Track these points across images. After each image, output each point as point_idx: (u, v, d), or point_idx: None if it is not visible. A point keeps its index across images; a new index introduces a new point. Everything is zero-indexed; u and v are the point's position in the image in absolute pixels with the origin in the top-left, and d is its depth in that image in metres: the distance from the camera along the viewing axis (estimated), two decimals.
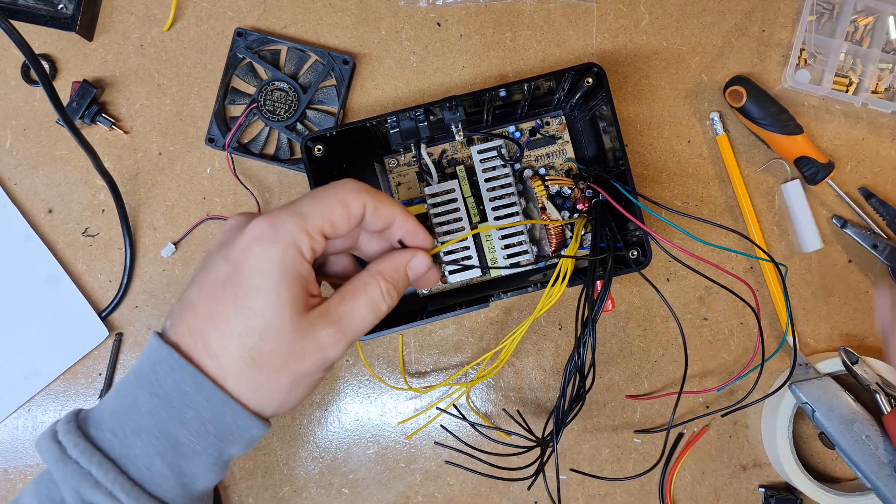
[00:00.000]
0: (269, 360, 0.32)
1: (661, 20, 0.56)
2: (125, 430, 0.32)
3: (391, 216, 0.36)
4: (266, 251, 0.32)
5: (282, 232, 0.33)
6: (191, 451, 0.32)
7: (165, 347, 0.32)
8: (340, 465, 0.55)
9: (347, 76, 0.55)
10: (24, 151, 0.56)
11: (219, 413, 0.32)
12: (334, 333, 0.33)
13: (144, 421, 0.32)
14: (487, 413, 0.56)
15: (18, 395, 0.55)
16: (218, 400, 0.32)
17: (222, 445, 0.33)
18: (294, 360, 0.33)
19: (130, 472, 0.31)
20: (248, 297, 0.32)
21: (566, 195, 0.52)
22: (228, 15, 0.56)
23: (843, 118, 0.56)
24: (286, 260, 0.32)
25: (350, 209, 0.35)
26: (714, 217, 0.56)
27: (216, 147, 0.55)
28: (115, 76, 0.56)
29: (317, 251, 0.34)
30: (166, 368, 0.32)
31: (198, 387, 0.32)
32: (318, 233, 0.33)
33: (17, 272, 0.55)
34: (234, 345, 0.32)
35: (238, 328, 0.32)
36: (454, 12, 0.56)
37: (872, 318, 0.56)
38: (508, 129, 0.54)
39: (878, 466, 0.50)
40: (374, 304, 0.35)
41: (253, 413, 0.33)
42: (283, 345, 0.32)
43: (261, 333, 0.32)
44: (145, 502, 0.31)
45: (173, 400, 0.32)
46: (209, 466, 0.33)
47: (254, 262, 0.32)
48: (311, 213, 0.33)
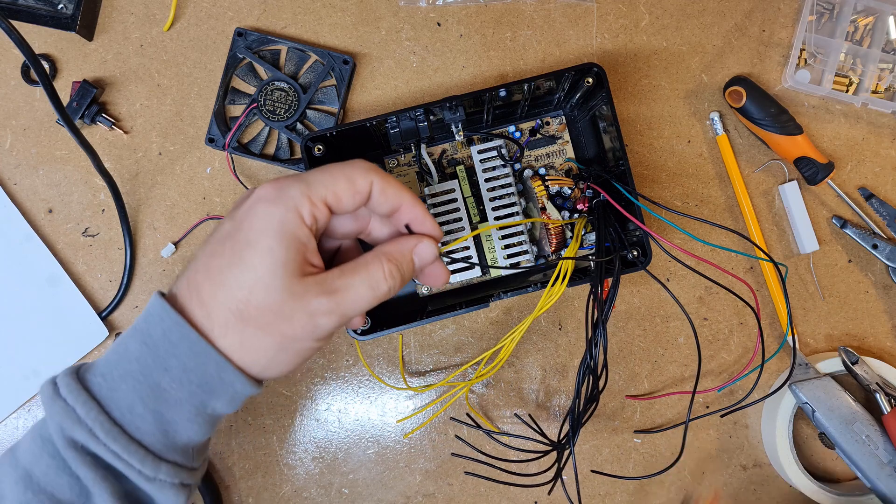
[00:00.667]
0: (257, 316, 0.33)
1: (661, 20, 0.56)
2: (113, 375, 0.33)
3: (398, 199, 0.36)
4: (267, 210, 0.33)
5: (284, 195, 0.34)
6: (172, 399, 0.33)
7: (159, 300, 0.34)
8: (340, 464, 0.55)
9: (347, 76, 0.55)
10: (24, 151, 0.56)
11: (202, 363, 0.33)
12: (327, 303, 0.34)
13: (131, 366, 0.33)
14: (488, 414, 0.56)
15: (18, 396, 0.55)
16: (201, 349, 0.33)
17: (204, 396, 0.34)
18: (282, 320, 0.33)
19: (113, 412, 0.33)
20: (244, 251, 0.33)
21: (566, 195, 0.52)
22: (228, 15, 0.56)
23: (843, 118, 0.56)
24: (285, 221, 0.33)
25: (356, 185, 0.35)
26: (714, 217, 0.56)
27: (216, 147, 0.55)
28: (115, 76, 0.56)
29: (319, 219, 0.34)
30: (157, 318, 0.33)
31: (183, 336, 0.33)
32: (320, 201, 0.34)
33: (17, 272, 0.55)
34: (223, 296, 0.33)
35: (230, 280, 0.33)
36: (454, 12, 0.56)
37: (872, 319, 0.56)
38: (508, 129, 0.54)
39: (879, 466, 0.50)
40: (373, 283, 0.35)
41: (237, 367, 0.34)
42: (272, 302, 0.33)
43: (251, 288, 0.33)
44: (123, 442, 0.32)
45: (159, 348, 0.33)
46: (190, 416, 0.34)
47: (254, 221, 0.33)
48: (315, 182, 0.34)
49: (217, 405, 0.35)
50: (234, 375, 0.34)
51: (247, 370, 0.34)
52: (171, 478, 0.34)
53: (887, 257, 0.54)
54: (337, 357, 0.56)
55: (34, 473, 0.33)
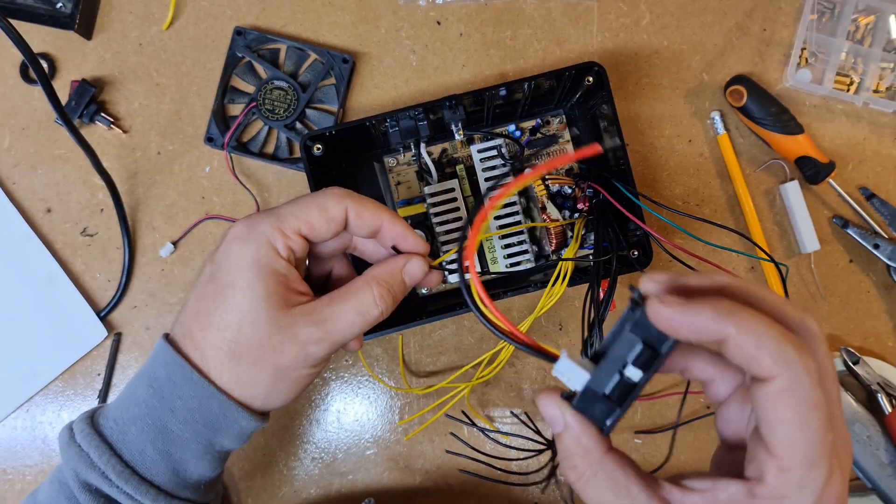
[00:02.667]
0: (248, 352, 0.34)
1: (662, 19, 0.56)
2: (124, 419, 0.35)
3: (376, 220, 0.37)
4: (241, 249, 0.34)
5: (256, 231, 0.34)
6: (180, 439, 0.34)
7: (163, 344, 0.35)
8: (340, 465, 0.55)
9: (347, 75, 0.55)
10: (23, 151, 0.56)
11: (205, 403, 0.34)
12: (316, 332, 0.34)
13: (139, 410, 0.35)
14: (489, 414, 0.56)
15: (17, 396, 0.55)
16: (203, 390, 0.34)
17: (211, 435, 0.35)
18: (273, 352, 0.34)
19: (124, 455, 0.34)
20: (226, 291, 0.34)
21: (567, 194, 0.52)
22: (227, 14, 0.56)
23: (845, 118, 0.56)
24: (259, 257, 0.34)
25: (329, 213, 0.36)
26: (715, 217, 0.56)
27: (215, 146, 0.55)
28: (113, 75, 0.56)
29: (295, 249, 0.35)
30: (161, 362, 0.35)
31: (185, 378, 0.34)
32: (293, 232, 0.35)
33: (15, 272, 0.55)
34: (214, 337, 0.34)
35: (218, 321, 0.34)
36: (454, 11, 0.56)
37: (873, 319, 0.56)
38: (509, 129, 0.54)
39: (880, 467, 0.49)
40: (363, 309, 0.35)
41: (239, 404, 0.35)
42: (259, 337, 0.34)
43: (238, 326, 0.34)
44: (134, 483, 0.33)
45: (165, 390, 0.34)
46: (199, 454, 0.35)
47: (231, 260, 0.34)
48: (287, 215, 0.35)
49: (224, 442, 0.36)
50: (239, 413, 0.35)
51: (248, 405, 0.35)
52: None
53: (888, 257, 0.54)
54: (337, 357, 0.56)
55: None
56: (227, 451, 0.37)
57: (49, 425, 0.55)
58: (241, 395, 0.35)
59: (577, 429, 0.26)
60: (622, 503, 0.25)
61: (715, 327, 0.22)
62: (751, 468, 0.24)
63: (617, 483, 0.25)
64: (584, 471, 0.26)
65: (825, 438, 0.22)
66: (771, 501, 0.23)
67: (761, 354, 0.22)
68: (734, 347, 0.23)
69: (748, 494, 0.23)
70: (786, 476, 0.22)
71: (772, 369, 0.22)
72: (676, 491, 0.25)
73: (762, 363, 0.22)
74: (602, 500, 0.25)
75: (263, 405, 0.36)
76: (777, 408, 0.22)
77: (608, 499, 0.25)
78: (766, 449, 0.23)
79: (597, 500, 0.25)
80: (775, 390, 0.22)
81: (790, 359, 0.22)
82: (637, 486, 0.25)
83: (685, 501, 0.24)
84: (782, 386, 0.22)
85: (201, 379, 0.34)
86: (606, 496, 0.25)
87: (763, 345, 0.22)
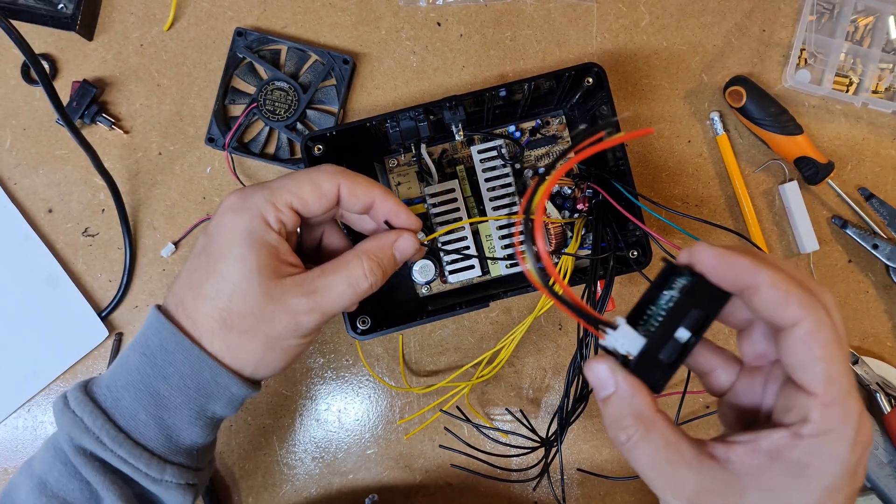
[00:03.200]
0: (239, 322, 0.34)
1: (662, 20, 0.56)
2: (117, 386, 0.36)
3: (369, 196, 0.37)
4: (233, 220, 0.35)
5: (248, 203, 0.35)
6: (172, 404, 0.35)
7: (155, 313, 0.36)
8: (340, 464, 0.55)
9: (347, 76, 0.55)
10: (24, 151, 0.56)
11: (197, 369, 0.35)
12: (307, 302, 0.35)
13: (133, 377, 0.35)
14: (488, 413, 0.56)
15: (18, 395, 0.55)
16: (195, 356, 0.34)
17: (202, 401, 0.35)
18: (264, 322, 0.34)
19: (118, 420, 0.35)
20: (218, 262, 0.35)
21: (566, 195, 0.52)
22: (228, 14, 0.56)
23: (844, 118, 0.56)
24: (251, 228, 0.35)
25: (321, 189, 0.36)
26: (714, 217, 0.56)
27: (216, 147, 0.55)
28: (115, 76, 0.56)
29: (286, 223, 0.36)
30: (153, 330, 0.36)
31: (177, 344, 0.35)
32: (285, 206, 0.35)
33: (16, 272, 0.55)
34: (206, 307, 0.35)
35: (209, 291, 0.35)
36: (454, 12, 0.56)
37: (872, 319, 0.56)
38: (509, 129, 0.54)
39: (879, 467, 0.50)
40: (353, 280, 0.36)
41: (230, 370, 0.35)
42: (251, 307, 0.34)
43: (229, 295, 0.34)
44: (128, 447, 0.34)
45: (157, 357, 0.35)
46: (191, 420, 0.36)
47: (223, 231, 0.35)
48: (279, 189, 0.36)
49: (216, 408, 0.36)
50: (229, 379, 0.35)
51: (240, 372, 0.36)
52: (177, 479, 0.36)
53: (887, 257, 0.54)
54: (337, 357, 0.56)
55: (48, 480, 0.35)
56: (220, 418, 0.38)
57: (50, 425, 0.55)
58: (232, 363, 0.35)
59: (630, 390, 0.27)
60: (673, 459, 0.26)
61: (751, 273, 0.25)
62: (790, 416, 0.25)
63: (668, 440, 0.26)
64: (637, 430, 0.26)
65: (851, 372, 0.25)
66: (818, 438, 0.24)
67: (790, 299, 0.25)
68: (766, 292, 0.25)
69: (793, 436, 0.25)
70: (830, 411, 0.24)
71: (798, 313, 0.25)
72: (721, 446, 0.26)
73: (790, 307, 0.25)
74: (654, 459, 0.26)
75: (254, 373, 0.36)
76: (810, 349, 0.24)
77: (660, 456, 0.26)
78: (804, 392, 0.25)
79: (648, 459, 0.26)
80: (806, 332, 0.25)
81: (814, 303, 0.25)
82: (686, 443, 0.26)
83: (730, 453, 0.25)
84: (811, 326, 0.24)
85: (193, 346, 0.34)
86: (659, 454, 0.26)
87: (791, 291, 0.25)
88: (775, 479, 0.25)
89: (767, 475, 0.25)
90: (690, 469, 0.25)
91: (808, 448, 0.24)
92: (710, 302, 0.26)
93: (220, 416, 0.37)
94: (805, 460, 0.24)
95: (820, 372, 0.25)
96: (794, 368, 0.25)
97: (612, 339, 0.27)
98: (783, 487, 0.25)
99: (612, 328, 0.27)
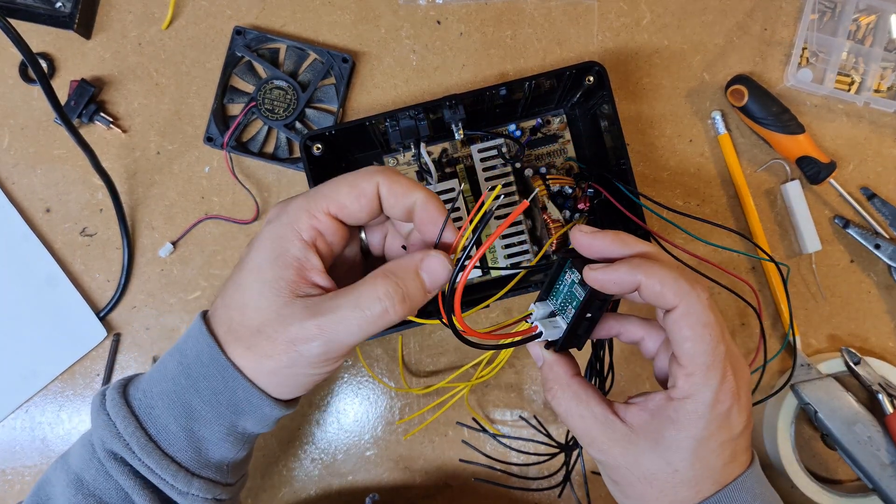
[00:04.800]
0: (246, 336, 0.32)
1: (663, 18, 0.56)
2: (153, 392, 0.34)
3: (409, 196, 0.33)
4: (268, 230, 0.33)
5: (284, 212, 0.33)
6: (203, 418, 0.34)
7: (198, 320, 0.34)
8: (339, 466, 0.55)
9: (347, 75, 0.55)
10: (22, 150, 0.56)
11: (230, 386, 0.33)
12: (311, 328, 0.31)
13: (167, 385, 0.34)
14: (488, 414, 0.56)
15: (17, 396, 0.55)
16: (229, 374, 0.33)
17: (234, 417, 0.34)
18: (266, 341, 0.32)
19: (149, 429, 0.34)
20: (242, 272, 0.33)
21: (567, 194, 0.52)
22: (227, 13, 0.56)
23: (845, 117, 0.56)
24: (278, 237, 0.33)
25: (359, 188, 0.33)
26: (716, 217, 0.55)
27: (215, 146, 0.55)
28: (113, 75, 0.56)
29: (324, 232, 0.33)
30: (193, 339, 0.34)
31: (212, 358, 0.33)
32: (321, 212, 0.33)
33: (14, 272, 0.55)
34: (225, 316, 0.33)
35: (229, 300, 0.33)
36: (454, 10, 0.56)
37: (875, 319, 0.56)
38: (509, 128, 0.54)
39: (881, 468, 0.49)
40: (363, 303, 0.31)
41: (262, 392, 0.33)
42: (258, 323, 0.32)
43: (242, 308, 0.33)
44: (156, 457, 0.33)
45: (192, 369, 0.34)
46: (222, 435, 0.34)
47: (258, 241, 0.33)
48: (316, 194, 0.33)
49: (247, 425, 0.35)
50: (261, 400, 0.34)
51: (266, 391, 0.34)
52: (204, 493, 0.35)
53: (890, 257, 0.54)
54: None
55: (84, 478, 0.34)
56: (253, 435, 0.36)
57: (48, 426, 0.55)
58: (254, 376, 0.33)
59: (553, 362, 0.35)
60: (583, 411, 0.34)
61: (630, 278, 0.31)
62: (669, 381, 0.33)
63: (579, 397, 0.34)
64: (558, 389, 0.35)
65: (717, 349, 0.30)
66: (682, 400, 0.31)
67: (664, 290, 0.30)
68: (645, 289, 0.31)
69: (667, 398, 0.32)
70: (691, 379, 0.31)
71: (673, 300, 0.30)
72: (622, 406, 0.34)
73: (666, 296, 0.30)
74: (568, 410, 0.34)
75: (280, 393, 0.34)
76: (680, 328, 0.30)
77: (573, 408, 0.34)
78: (676, 363, 0.31)
79: (565, 410, 0.34)
80: (678, 315, 0.30)
81: (685, 290, 0.30)
82: (595, 400, 0.34)
83: (627, 412, 0.33)
84: (682, 311, 0.30)
85: (227, 362, 0.33)
86: (571, 406, 0.34)
87: (665, 283, 0.30)
88: (658, 430, 0.32)
89: (652, 427, 0.32)
90: (596, 422, 0.33)
91: (676, 407, 0.31)
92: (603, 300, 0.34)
93: (253, 432, 0.36)
94: (674, 417, 0.31)
95: (687, 349, 0.31)
96: (671, 340, 0.32)
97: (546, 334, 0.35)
98: (664, 437, 0.32)
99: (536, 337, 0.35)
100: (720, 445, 0.32)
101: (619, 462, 0.33)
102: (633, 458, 0.32)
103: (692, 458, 0.31)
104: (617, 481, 0.34)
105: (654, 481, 0.32)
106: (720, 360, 0.31)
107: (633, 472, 0.32)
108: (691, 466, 0.31)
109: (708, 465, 0.32)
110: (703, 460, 0.32)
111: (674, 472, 0.32)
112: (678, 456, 0.31)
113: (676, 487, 0.32)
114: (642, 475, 0.32)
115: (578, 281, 0.33)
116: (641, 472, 0.32)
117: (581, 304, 0.33)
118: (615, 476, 0.34)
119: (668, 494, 0.32)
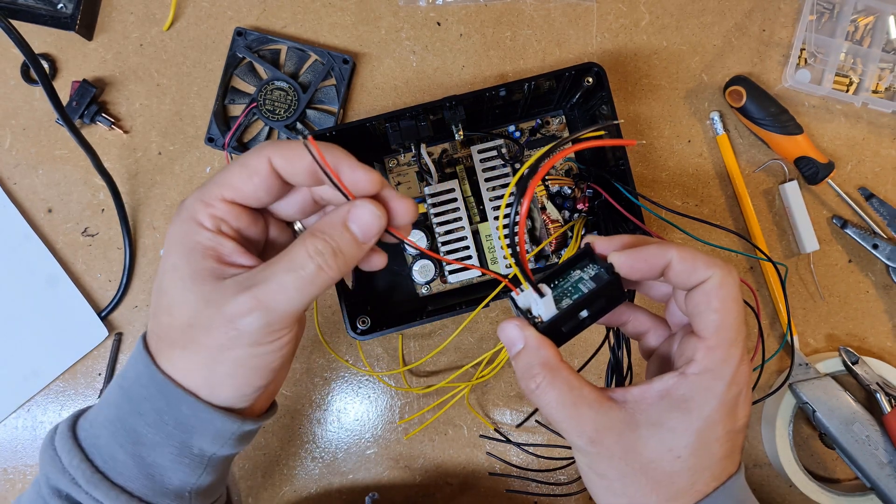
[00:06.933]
0: (180, 337, 0.30)
1: (662, 20, 0.56)
2: (97, 421, 0.33)
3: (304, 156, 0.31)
4: (171, 231, 0.32)
5: (181, 209, 0.32)
6: (150, 443, 0.32)
7: (139, 341, 0.33)
8: (340, 464, 0.55)
9: (347, 76, 0.55)
10: (24, 151, 0.56)
11: (173, 404, 0.31)
12: (247, 301, 0.29)
13: (111, 412, 0.33)
14: (488, 414, 0.56)
15: (18, 395, 0.55)
16: (169, 390, 0.31)
17: (184, 437, 0.32)
18: (202, 332, 0.30)
19: (95, 460, 0.32)
20: (161, 278, 0.32)
21: (566, 195, 0.52)
22: (228, 14, 0.56)
23: (844, 118, 0.56)
24: (182, 233, 0.31)
25: (250, 167, 0.31)
26: (714, 217, 0.56)
27: (216, 146, 0.55)
28: (114, 76, 0.56)
29: (224, 218, 0.31)
30: (132, 360, 0.33)
31: (151, 378, 0.31)
32: (215, 199, 0.31)
33: (16, 272, 0.55)
34: (155, 326, 0.32)
35: (156, 309, 0.32)
36: (454, 12, 0.56)
37: (872, 318, 0.56)
38: (508, 129, 0.54)
39: (879, 467, 0.50)
40: (294, 265, 0.30)
41: (207, 403, 0.31)
42: (189, 317, 0.30)
43: (169, 309, 0.31)
44: (104, 489, 0.31)
45: (132, 391, 0.32)
46: (174, 458, 0.32)
47: (166, 245, 0.32)
48: (208, 183, 0.32)
49: (203, 445, 0.32)
50: (209, 413, 0.31)
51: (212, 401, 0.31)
52: None
53: (887, 257, 0.54)
54: (336, 357, 0.56)
55: None
56: (217, 457, 0.33)
57: (50, 425, 0.55)
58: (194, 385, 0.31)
59: (538, 342, 0.31)
60: (576, 401, 0.30)
61: (661, 256, 0.30)
62: (681, 361, 0.31)
63: (571, 385, 0.30)
64: (544, 377, 0.30)
65: (742, 327, 0.30)
66: (700, 375, 0.29)
67: (697, 263, 0.30)
68: (677, 264, 0.30)
69: (680, 376, 0.30)
70: (712, 353, 0.29)
71: (706, 272, 0.29)
72: (619, 391, 0.31)
73: (698, 269, 0.30)
74: (559, 401, 0.30)
75: (210, 395, 0.31)
76: (710, 300, 0.29)
77: (565, 399, 0.30)
78: (696, 338, 0.30)
79: (554, 402, 0.30)
80: (710, 286, 0.29)
81: (718, 263, 0.30)
82: (588, 388, 0.30)
83: (626, 395, 0.31)
84: (716, 282, 0.29)
85: (165, 379, 0.31)
86: (563, 397, 0.30)
87: (697, 257, 0.30)
88: (663, 413, 0.30)
89: (656, 410, 0.30)
90: (591, 409, 0.30)
91: (691, 384, 0.29)
92: (613, 298, 0.32)
93: (213, 453, 0.33)
94: (688, 395, 0.29)
95: (713, 320, 0.29)
96: (694, 317, 0.30)
97: (525, 298, 0.31)
98: (669, 420, 0.29)
99: (539, 294, 0.31)
100: (725, 434, 0.30)
101: (612, 451, 0.30)
102: (631, 444, 0.30)
103: (696, 442, 0.29)
104: (604, 474, 0.31)
105: (649, 470, 0.30)
106: (742, 339, 0.30)
107: (628, 461, 0.30)
108: (694, 453, 0.30)
109: (710, 454, 0.30)
110: (707, 447, 0.30)
111: (675, 459, 0.30)
112: (682, 440, 0.29)
113: (673, 476, 0.30)
114: (638, 464, 0.30)
115: (591, 276, 0.31)
116: (638, 461, 0.30)
117: (594, 289, 0.31)
118: (603, 469, 0.31)
119: (663, 485, 0.30)
